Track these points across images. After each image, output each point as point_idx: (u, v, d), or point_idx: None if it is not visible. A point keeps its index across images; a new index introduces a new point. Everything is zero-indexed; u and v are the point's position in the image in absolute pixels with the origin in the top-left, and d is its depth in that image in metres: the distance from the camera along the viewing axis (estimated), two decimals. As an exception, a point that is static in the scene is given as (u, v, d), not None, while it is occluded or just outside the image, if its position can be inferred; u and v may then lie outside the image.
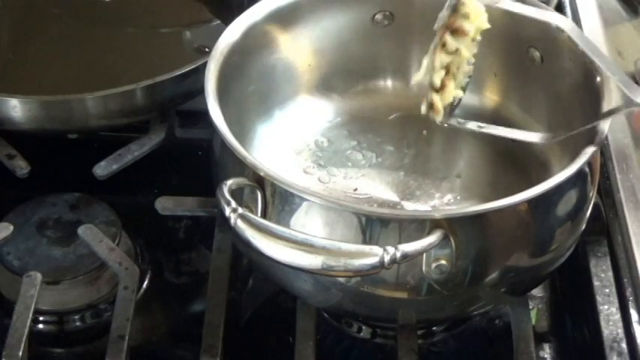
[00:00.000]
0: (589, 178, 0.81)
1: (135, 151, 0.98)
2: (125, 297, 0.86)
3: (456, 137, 0.94)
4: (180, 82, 0.94)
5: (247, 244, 0.72)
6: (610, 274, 0.88)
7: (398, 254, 0.71)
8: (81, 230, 0.90)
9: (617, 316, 0.85)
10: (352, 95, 0.97)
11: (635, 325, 0.85)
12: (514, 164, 0.92)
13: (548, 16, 0.85)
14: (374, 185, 0.91)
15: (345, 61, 0.96)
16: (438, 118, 0.88)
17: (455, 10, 0.84)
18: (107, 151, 0.97)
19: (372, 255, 0.71)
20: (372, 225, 0.75)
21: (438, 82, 0.86)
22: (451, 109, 0.88)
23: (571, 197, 0.79)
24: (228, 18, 0.91)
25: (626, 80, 0.78)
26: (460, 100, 0.88)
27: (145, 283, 0.94)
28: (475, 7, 0.84)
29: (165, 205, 0.92)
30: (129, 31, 1.10)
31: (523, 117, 0.93)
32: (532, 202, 0.76)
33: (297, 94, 0.96)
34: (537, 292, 0.92)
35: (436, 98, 0.87)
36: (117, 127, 1.01)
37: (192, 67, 0.94)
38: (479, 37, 0.85)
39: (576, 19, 1.07)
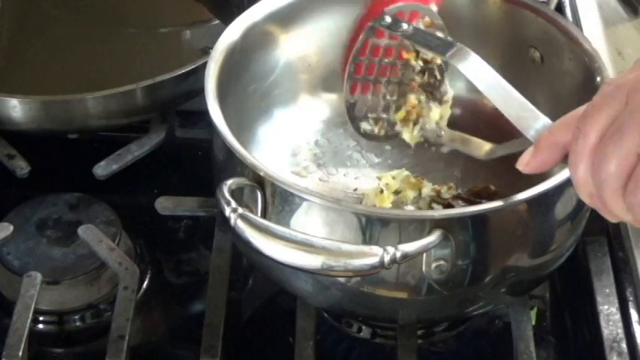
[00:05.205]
0: (589, 178, 0.81)
1: (135, 151, 0.98)
2: (125, 297, 0.86)
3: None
4: (180, 82, 0.94)
5: (247, 244, 0.72)
6: (610, 274, 0.88)
7: (398, 254, 0.71)
8: (81, 230, 0.90)
9: (617, 316, 0.85)
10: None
11: (635, 325, 0.85)
12: (514, 164, 0.92)
13: None
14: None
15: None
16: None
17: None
18: (107, 151, 0.97)
19: (372, 255, 0.70)
20: (372, 225, 0.75)
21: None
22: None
23: (571, 197, 0.79)
24: (228, 18, 0.91)
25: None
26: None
27: (145, 283, 0.93)
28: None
29: (165, 205, 0.92)
30: (129, 31, 1.10)
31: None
32: (532, 202, 0.76)
33: (297, 94, 0.95)
34: (537, 292, 0.91)
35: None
36: (117, 127, 1.01)
37: (192, 67, 0.94)
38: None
39: (576, 19, 1.07)
